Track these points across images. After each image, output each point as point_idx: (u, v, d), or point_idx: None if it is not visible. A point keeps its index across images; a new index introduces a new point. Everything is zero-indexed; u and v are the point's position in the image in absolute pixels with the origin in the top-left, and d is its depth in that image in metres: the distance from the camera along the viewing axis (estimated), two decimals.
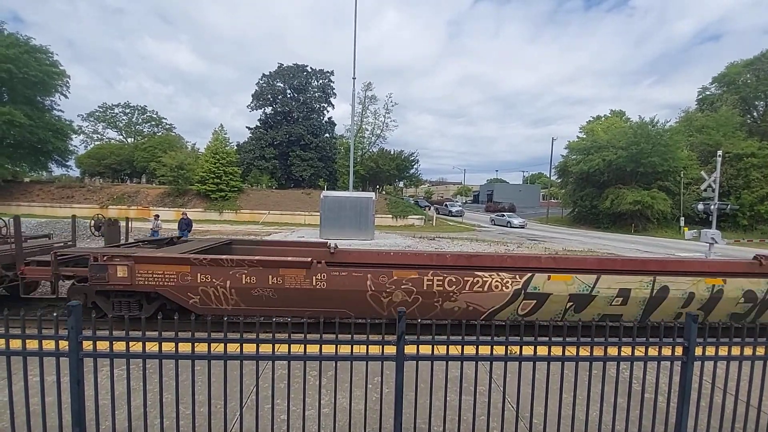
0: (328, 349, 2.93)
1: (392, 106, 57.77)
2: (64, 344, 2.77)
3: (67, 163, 45.64)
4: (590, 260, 8.36)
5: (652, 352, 3.08)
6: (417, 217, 40.09)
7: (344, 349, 2.96)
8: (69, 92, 40.87)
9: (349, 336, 2.93)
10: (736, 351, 3.09)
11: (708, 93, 48.41)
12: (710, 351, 3.07)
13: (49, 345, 2.80)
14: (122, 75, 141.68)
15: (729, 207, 31.19)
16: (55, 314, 2.85)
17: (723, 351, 3.08)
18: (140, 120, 62.64)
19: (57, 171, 48.46)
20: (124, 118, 61.97)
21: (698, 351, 3.03)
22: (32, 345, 2.79)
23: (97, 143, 59.50)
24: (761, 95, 44.04)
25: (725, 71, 45.76)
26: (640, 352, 3.08)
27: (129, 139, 61.25)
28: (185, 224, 17.23)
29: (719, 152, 28.05)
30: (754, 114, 45.94)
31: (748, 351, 3.10)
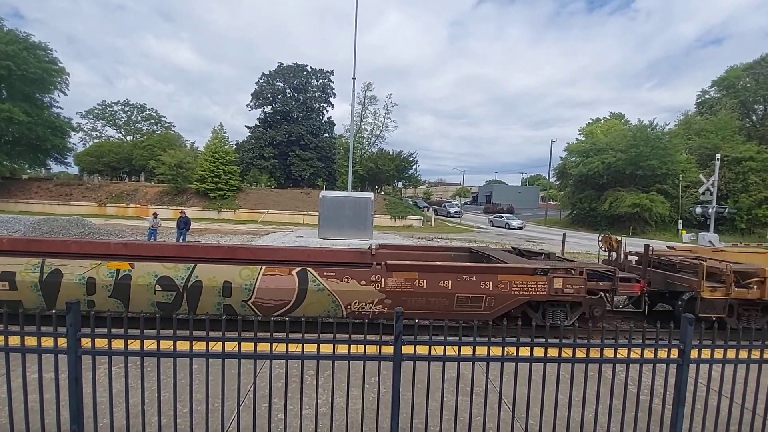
0: (326, 349, 2.94)
1: (392, 106, 58.06)
2: (62, 341, 2.77)
3: (66, 161, 45.58)
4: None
5: (648, 354, 3.10)
6: (415, 217, 40.12)
7: (342, 349, 2.97)
8: (68, 89, 40.87)
9: (347, 335, 2.94)
10: (731, 354, 3.12)
11: (707, 96, 48.65)
12: (706, 353, 3.10)
13: (47, 342, 2.81)
14: (122, 73, 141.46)
15: (727, 210, 31.39)
16: (54, 311, 2.85)
17: (719, 354, 3.10)
18: (139, 118, 62.58)
19: (55, 168, 48.46)
20: (123, 115, 61.90)
21: (694, 353, 3.05)
22: (31, 342, 2.79)
23: (95, 141, 59.36)
24: (760, 99, 44.22)
25: (725, 75, 45.96)
26: (636, 354, 3.10)
27: (128, 137, 61.13)
28: (183, 222, 17.26)
29: (717, 156, 28.11)
30: (753, 118, 46.12)
31: (743, 354, 3.12)
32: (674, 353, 3.06)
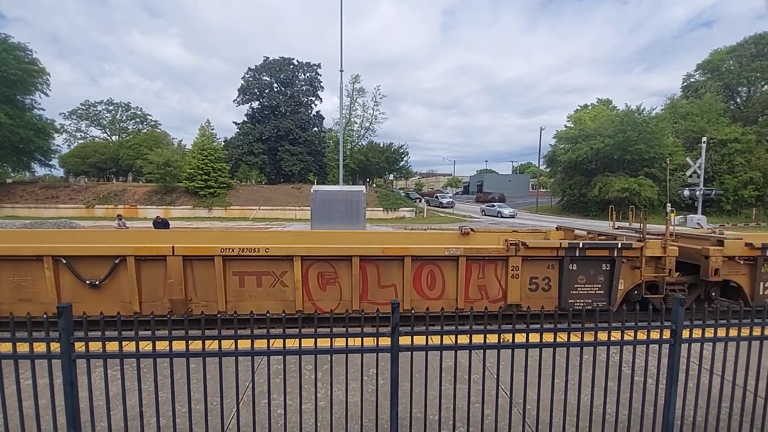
0: (324, 343, 2.94)
1: (380, 98, 57.79)
2: (55, 346, 2.73)
3: (51, 163, 44.60)
4: None
5: (641, 335, 3.15)
6: (408, 209, 40.18)
7: (339, 342, 2.97)
8: (50, 90, 39.81)
9: (344, 329, 2.94)
10: (722, 332, 3.18)
11: (692, 80, 49.07)
12: (697, 333, 3.16)
13: (40, 347, 2.77)
14: (107, 71, 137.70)
15: (714, 192, 31.87)
16: (45, 316, 2.81)
17: (709, 333, 3.17)
18: (124, 117, 61.46)
19: (40, 171, 47.50)
20: (108, 115, 60.70)
21: (685, 333, 3.11)
22: (23, 348, 2.75)
23: (80, 141, 58.24)
24: (744, 81, 44.74)
25: (709, 58, 46.39)
26: (629, 336, 3.15)
27: (113, 137, 60.04)
28: (161, 225, 16.27)
29: (704, 138, 28.40)
30: (737, 100, 46.71)
31: (733, 332, 3.19)
32: (666, 333, 3.11)
